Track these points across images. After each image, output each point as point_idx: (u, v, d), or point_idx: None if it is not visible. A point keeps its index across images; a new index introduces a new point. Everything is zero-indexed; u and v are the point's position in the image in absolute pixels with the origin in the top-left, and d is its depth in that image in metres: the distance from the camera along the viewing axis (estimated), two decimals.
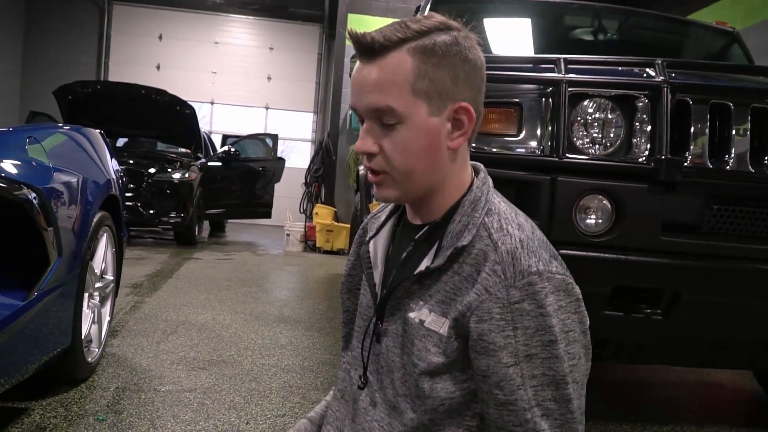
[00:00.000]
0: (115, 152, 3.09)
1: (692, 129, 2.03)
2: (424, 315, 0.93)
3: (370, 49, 0.90)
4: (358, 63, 0.93)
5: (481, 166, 1.02)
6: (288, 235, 8.47)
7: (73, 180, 2.29)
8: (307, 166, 9.43)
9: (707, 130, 2.03)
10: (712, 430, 2.61)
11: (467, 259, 0.91)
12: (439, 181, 0.95)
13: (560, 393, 0.87)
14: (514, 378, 0.86)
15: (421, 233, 0.97)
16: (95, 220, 2.49)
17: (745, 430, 2.63)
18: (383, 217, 1.10)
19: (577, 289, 0.91)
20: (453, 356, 0.91)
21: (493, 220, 0.93)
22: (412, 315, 0.95)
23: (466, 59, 0.92)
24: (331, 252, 8.21)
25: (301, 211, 9.07)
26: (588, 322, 0.92)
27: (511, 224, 0.92)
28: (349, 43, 8.65)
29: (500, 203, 0.97)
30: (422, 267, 0.94)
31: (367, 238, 1.08)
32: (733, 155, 2.03)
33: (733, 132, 2.03)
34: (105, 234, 2.67)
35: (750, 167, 2.03)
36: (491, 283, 0.87)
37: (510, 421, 0.87)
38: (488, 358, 0.87)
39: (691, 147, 2.03)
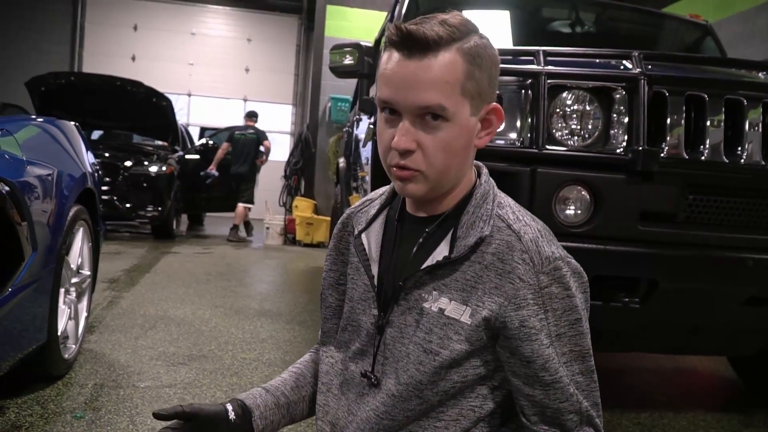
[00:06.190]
0: (90, 145, 3.04)
1: (668, 120, 2.06)
2: (443, 304, 0.94)
3: (423, 45, 0.88)
4: (398, 57, 0.90)
5: (481, 164, 1.04)
6: (268, 228, 8.44)
7: (48, 173, 2.24)
8: (286, 159, 9.37)
9: (683, 122, 2.06)
10: (689, 415, 2.66)
11: (488, 249, 0.93)
12: (461, 178, 0.98)
13: (585, 366, 0.95)
14: (554, 357, 0.91)
15: (434, 225, 0.98)
16: (71, 214, 2.45)
17: (721, 415, 2.69)
18: (373, 211, 1.08)
19: (585, 273, 0.98)
20: (476, 344, 0.93)
21: (507, 212, 0.97)
22: (426, 305, 0.95)
23: (496, 62, 0.97)
24: (311, 245, 8.19)
25: (281, 204, 9.02)
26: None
27: (525, 216, 0.97)
28: (330, 35, 8.68)
29: (506, 197, 1.01)
30: (439, 257, 0.95)
31: (357, 231, 1.07)
32: (707, 146, 2.06)
33: (708, 123, 2.06)
34: (81, 228, 2.63)
35: (724, 157, 2.06)
36: (522, 271, 0.91)
37: (557, 398, 0.92)
38: (531, 343, 0.90)
39: (668, 138, 2.06)
